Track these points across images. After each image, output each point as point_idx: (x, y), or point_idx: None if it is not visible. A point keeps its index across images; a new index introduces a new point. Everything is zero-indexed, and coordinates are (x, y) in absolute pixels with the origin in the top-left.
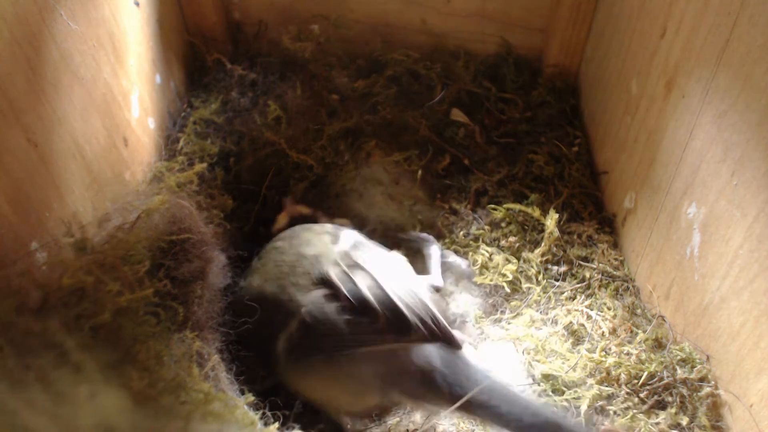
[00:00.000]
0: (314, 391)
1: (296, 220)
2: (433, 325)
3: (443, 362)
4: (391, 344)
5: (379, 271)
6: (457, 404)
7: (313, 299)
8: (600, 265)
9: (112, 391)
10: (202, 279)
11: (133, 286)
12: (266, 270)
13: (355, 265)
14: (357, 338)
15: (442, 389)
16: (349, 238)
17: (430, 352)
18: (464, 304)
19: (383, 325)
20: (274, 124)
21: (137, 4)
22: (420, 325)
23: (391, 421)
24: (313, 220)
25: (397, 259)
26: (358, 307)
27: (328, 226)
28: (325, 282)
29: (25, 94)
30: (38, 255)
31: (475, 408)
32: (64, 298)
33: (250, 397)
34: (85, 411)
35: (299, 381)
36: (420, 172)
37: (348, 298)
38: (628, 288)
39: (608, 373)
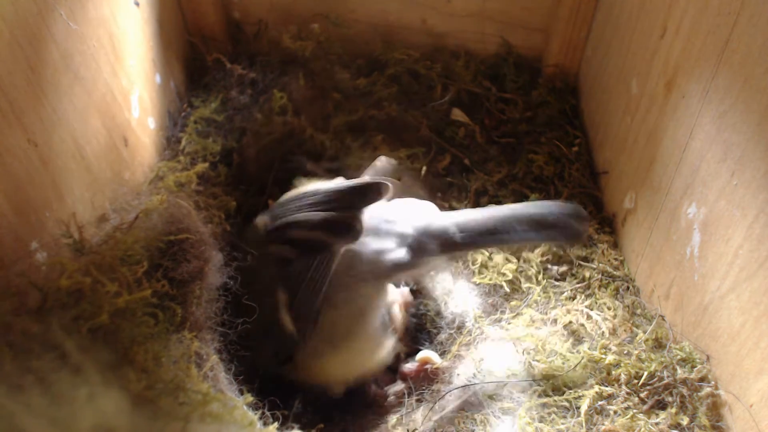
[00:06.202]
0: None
1: None
2: (349, 195)
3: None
4: (348, 243)
5: (288, 212)
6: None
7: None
8: (600, 265)
9: (110, 392)
10: (200, 279)
11: (132, 287)
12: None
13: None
14: (322, 263)
15: (426, 247)
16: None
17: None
18: (463, 303)
19: (328, 237)
20: (280, 111)
21: (137, 4)
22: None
23: (391, 420)
24: None
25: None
26: (302, 248)
27: None
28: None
29: (25, 94)
30: (38, 255)
31: (460, 249)
32: (62, 300)
33: (249, 398)
34: (84, 413)
35: (325, 346)
36: (424, 169)
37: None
38: (628, 288)
39: (608, 373)
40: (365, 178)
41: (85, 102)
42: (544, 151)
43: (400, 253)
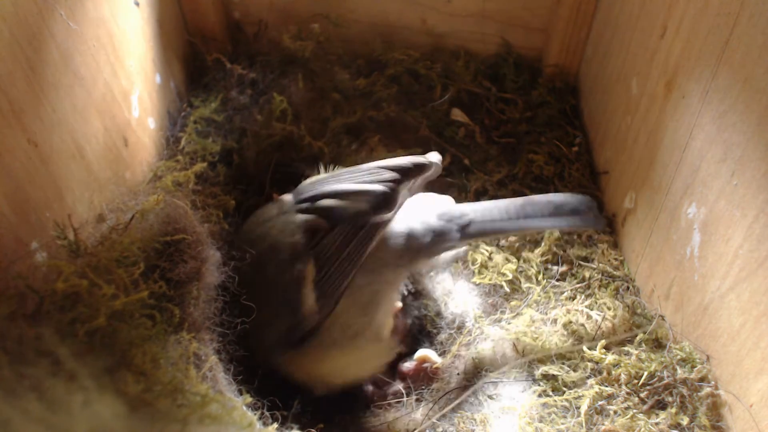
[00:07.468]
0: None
1: None
2: (397, 173)
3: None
4: (387, 218)
5: (322, 185)
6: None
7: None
8: (600, 265)
9: (107, 397)
10: (197, 279)
11: (128, 289)
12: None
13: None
14: (362, 241)
15: (448, 232)
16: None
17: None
18: (463, 303)
19: (369, 210)
20: (280, 116)
21: (137, 4)
22: (389, 182)
23: (390, 418)
24: None
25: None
26: (337, 220)
27: None
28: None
29: (25, 94)
30: (38, 255)
31: (478, 235)
32: (58, 303)
33: (248, 398)
34: (80, 419)
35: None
36: None
37: (322, 218)
38: (628, 288)
39: (608, 373)
40: (409, 157)
41: (85, 102)
42: (544, 151)
43: (424, 239)
